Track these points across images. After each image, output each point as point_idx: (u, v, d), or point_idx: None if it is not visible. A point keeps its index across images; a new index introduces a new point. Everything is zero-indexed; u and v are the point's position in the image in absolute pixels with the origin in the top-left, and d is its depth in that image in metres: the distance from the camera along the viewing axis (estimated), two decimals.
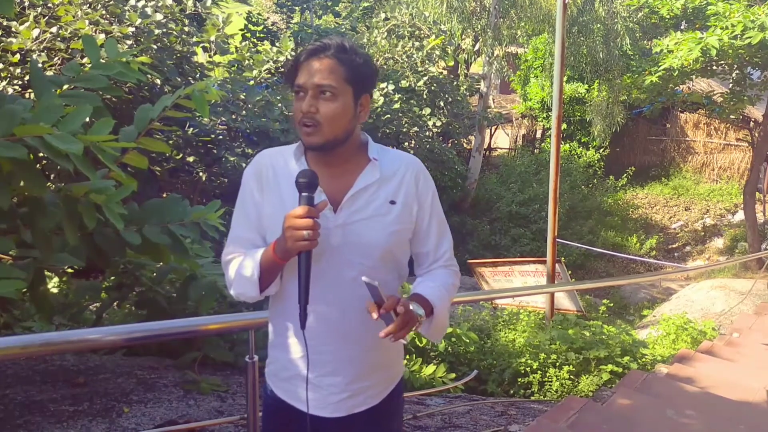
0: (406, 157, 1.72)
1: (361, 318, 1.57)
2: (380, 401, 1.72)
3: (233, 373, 4.10)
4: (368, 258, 1.61)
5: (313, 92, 1.55)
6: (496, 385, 5.41)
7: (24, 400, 3.18)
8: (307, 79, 1.56)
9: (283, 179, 1.64)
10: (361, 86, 1.61)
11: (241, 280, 1.61)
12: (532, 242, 14.86)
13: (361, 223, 1.60)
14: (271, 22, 20.41)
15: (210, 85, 3.05)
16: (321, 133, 1.56)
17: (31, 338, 2.20)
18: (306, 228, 1.45)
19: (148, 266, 3.80)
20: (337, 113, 1.56)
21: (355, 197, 1.61)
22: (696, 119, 18.12)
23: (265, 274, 1.58)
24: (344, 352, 1.63)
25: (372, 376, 1.69)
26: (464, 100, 15.78)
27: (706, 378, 4.53)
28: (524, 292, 7.55)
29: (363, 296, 1.54)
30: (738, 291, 9.49)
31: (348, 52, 1.59)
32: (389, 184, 1.65)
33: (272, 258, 1.54)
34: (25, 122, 2.22)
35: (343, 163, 1.64)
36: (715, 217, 16.05)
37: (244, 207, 1.69)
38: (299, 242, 1.46)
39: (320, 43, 1.59)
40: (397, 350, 1.80)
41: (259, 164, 1.69)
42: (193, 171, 9.04)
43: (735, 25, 9.65)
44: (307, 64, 1.57)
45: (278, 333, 1.71)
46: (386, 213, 1.62)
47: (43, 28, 6.54)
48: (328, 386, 1.64)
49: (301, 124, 1.57)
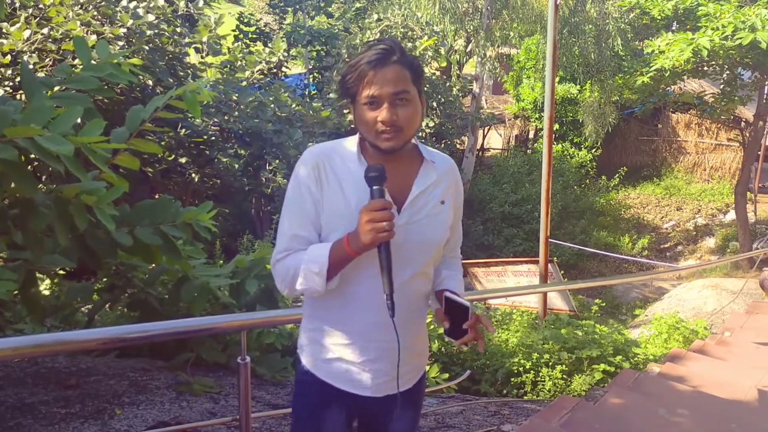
0: (448, 159, 1.84)
1: (411, 309, 1.74)
2: (414, 384, 1.85)
3: (226, 374, 4.09)
4: (426, 255, 1.73)
5: (390, 100, 1.59)
6: (489, 385, 5.42)
7: (15, 403, 3.17)
8: (381, 88, 1.58)
9: (343, 176, 1.67)
10: (421, 85, 1.68)
11: (308, 276, 1.63)
12: (524, 242, 14.88)
13: (421, 223, 1.69)
14: (263, 23, 20.37)
15: (202, 86, 3.05)
16: (402, 137, 1.63)
17: (23, 340, 2.19)
18: (385, 219, 1.52)
19: (140, 267, 3.79)
20: (415, 116, 1.65)
21: (416, 199, 1.69)
22: (687, 119, 18.19)
23: (333, 268, 1.62)
24: (393, 341, 1.69)
25: (413, 361, 1.82)
26: (457, 100, 15.79)
27: (697, 377, 4.55)
28: (517, 292, 7.57)
29: (415, 290, 1.72)
30: (729, 290, 9.54)
31: (406, 54, 1.65)
32: (441, 184, 1.75)
33: (345, 252, 1.59)
34: (16, 123, 2.21)
35: (401, 164, 1.71)
36: (706, 216, 16.12)
37: (300, 204, 1.69)
38: (380, 234, 1.52)
39: (383, 50, 1.61)
40: (426, 339, 1.93)
41: (316, 161, 1.69)
42: (185, 172, 9.02)
43: (726, 26, 9.69)
44: (377, 73, 1.59)
45: (323, 319, 1.76)
46: (439, 212, 1.73)
47: (34, 30, 6.51)
48: (375, 370, 1.73)
49: (379, 132, 1.61)
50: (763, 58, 10.07)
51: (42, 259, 2.76)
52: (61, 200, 2.54)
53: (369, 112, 1.61)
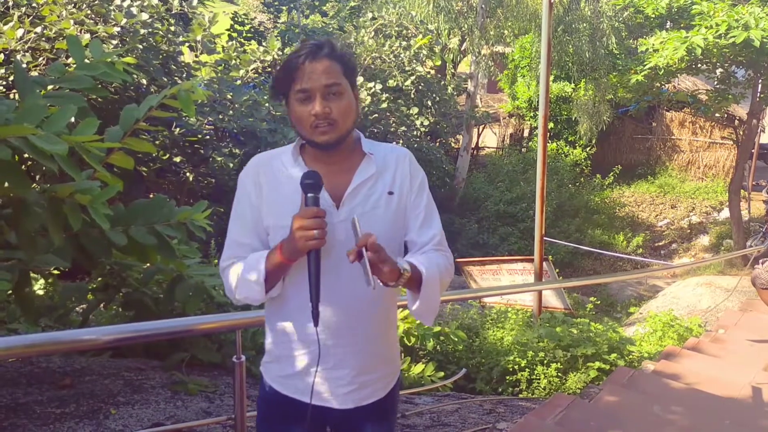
0: (397, 149, 1.79)
1: (366, 311, 1.68)
2: (385, 395, 1.78)
3: (221, 373, 4.09)
4: None
5: (321, 93, 1.59)
6: (484, 383, 5.43)
7: (10, 403, 3.16)
8: (312, 81, 1.59)
9: (282, 182, 1.68)
10: (354, 79, 1.68)
11: (246, 284, 1.64)
12: (519, 241, 14.90)
13: (364, 217, 1.64)
14: (258, 22, 20.34)
15: (196, 84, 3.05)
16: (337, 130, 1.62)
17: (17, 340, 2.18)
18: (315, 227, 1.50)
19: (135, 267, 3.78)
20: (348, 108, 1.64)
21: (354, 192, 1.66)
22: (681, 118, 18.24)
23: (271, 276, 1.61)
24: (350, 345, 1.67)
25: (377, 369, 1.74)
26: (452, 99, 15.79)
27: (692, 374, 4.57)
28: (512, 290, 7.56)
29: (368, 290, 1.58)
30: (724, 288, 9.57)
31: (337, 49, 1.65)
32: (385, 176, 1.71)
33: (279, 259, 1.58)
34: (9, 123, 2.20)
35: (342, 160, 1.69)
36: (700, 214, 16.17)
37: (241, 212, 1.72)
38: (309, 242, 1.50)
39: (313, 45, 1.62)
40: (395, 345, 1.85)
41: (256, 168, 1.72)
42: (179, 171, 9.00)
43: (719, 24, 9.72)
44: (307, 66, 1.59)
45: (279, 332, 1.73)
46: (386, 204, 1.69)
47: (28, 28, 6.48)
48: (335, 379, 1.68)
49: (313, 126, 1.61)
50: (757, 56, 10.10)
51: (36, 258, 2.75)
52: (55, 200, 2.53)
53: (302, 107, 1.61)
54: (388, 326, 1.79)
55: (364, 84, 12.38)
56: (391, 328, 1.81)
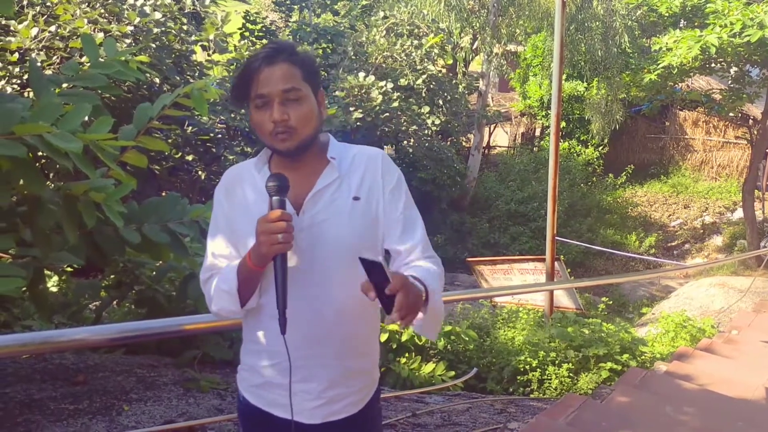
0: (367, 151, 1.69)
1: (335, 321, 1.58)
2: (359, 410, 1.67)
3: (233, 371, 4.09)
4: (342, 259, 1.57)
5: (279, 99, 1.53)
6: (495, 383, 5.42)
7: (24, 399, 3.18)
8: (269, 87, 1.53)
9: (249, 190, 1.64)
10: (316, 83, 1.61)
11: (220, 295, 1.59)
12: (531, 240, 14.87)
13: (326, 223, 1.57)
14: (269, 21, 20.41)
15: (209, 83, 3.06)
16: (297, 137, 1.55)
17: (31, 336, 2.20)
18: (279, 231, 1.44)
19: (148, 265, 3.81)
20: (308, 114, 1.56)
21: (315, 198, 1.59)
22: (695, 117, 18.12)
23: (243, 285, 1.56)
24: (317, 358, 1.59)
25: (349, 383, 1.64)
26: (463, 98, 15.78)
27: (705, 375, 4.54)
28: (523, 290, 7.54)
29: (335, 299, 1.55)
30: (737, 288, 9.50)
31: (297, 52, 1.58)
32: (351, 180, 1.62)
33: (249, 267, 1.53)
34: (25, 121, 2.22)
35: (306, 166, 1.62)
36: (714, 214, 16.06)
37: (216, 224, 1.69)
38: (274, 245, 1.45)
39: (270, 49, 1.56)
40: (373, 356, 1.74)
41: (227, 179, 1.70)
42: (192, 169, 9.05)
43: (734, 23, 9.65)
44: (264, 72, 1.53)
45: (250, 340, 1.69)
46: (350, 210, 1.59)
47: (42, 27, 6.54)
48: (301, 392, 1.60)
49: (273, 134, 1.55)
50: None
51: (50, 256, 2.76)
52: (70, 197, 2.55)
53: (260, 113, 1.55)
54: (364, 337, 1.68)
55: (376, 83, 12.39)
56: (368, 339, 1.70)
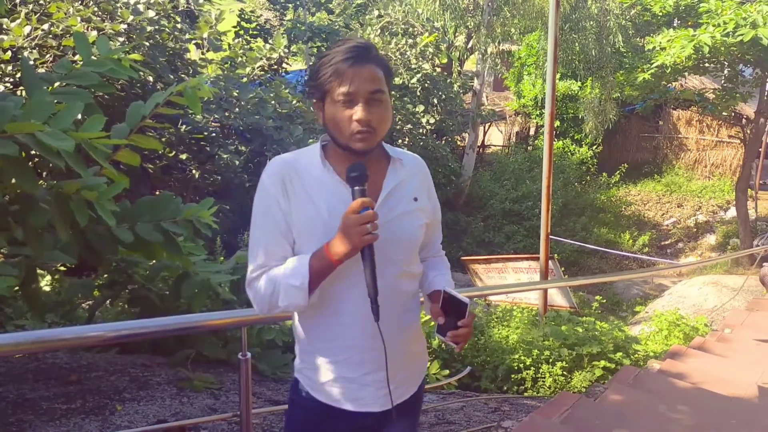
0: (416, 157, 1.80)
1: (399, 312, 1.68)
2: (417, 388, 1.81)
3: (226, 370, 4.10)
4: (405, 254, 1.67)
5: (365, 99, 1.54)
6: (489, 382, 5.43)
7: (16, 398, 3.17)
8: (358, 86, 1.53)
9: (310, 185, 1.61)
10: (391, 86, 1.65)
11: (289, 290, 1.56)
12: (525, 239, 14.90)
13: (396, 221, 1.63)
14: (264, 19, 20.34)
15: (203, 82, 3.04)
16: (375, 139, 1.58)
17: (23, 335, 2.19)
18: (369, 220, 1.48)
19: (141, 264, 3.79)
20: (388, 117, 1.60)
21: (388, 196, 1.64)
22: (688, 116, 18.19)
23: (315, 279, 1.55)
24: (388, 347, 1.63)
25: (410, 366, 1.77)
26: (458, 97, 15.79)
27: (698, 373, 4.55)
28: (517, 288, 7.56)
29: (401, 291, 1.66)
30: (730, 287, 9.54)
31: (380, 55, 1.61)
32: (411, 182, 1.71)
33: (328, 261, 1.52)
34: (17, 119, 2.21)
35: (371, 165, 1.62)
36: (707, 213, 16.12)
37: (271, 218, 1.62)
38: (365, 236, 1.48)
39: (360, 47, 1.56)
40: (423, 340, 1.87)
41: (281, 172, 1.62)
42: (185, 168, 9.01)
43: (727, 22, 9.68)
44: (355, 70, 1.53)
45: (315, 338, 1.69)
46: (413, 209, 1.68)
47: (35, 25, 6.50)
48: (374, 382, 1.66)
49: (353, 132, 1.55)
50: (765, 54, 10.06)
51: (43, 255, 2.75)
52: (62, 196, 2.53)
53: (344, 110, 1.54)
54: (416, 324, 1.79)
55: None
56: (418, 325, 1.81)
